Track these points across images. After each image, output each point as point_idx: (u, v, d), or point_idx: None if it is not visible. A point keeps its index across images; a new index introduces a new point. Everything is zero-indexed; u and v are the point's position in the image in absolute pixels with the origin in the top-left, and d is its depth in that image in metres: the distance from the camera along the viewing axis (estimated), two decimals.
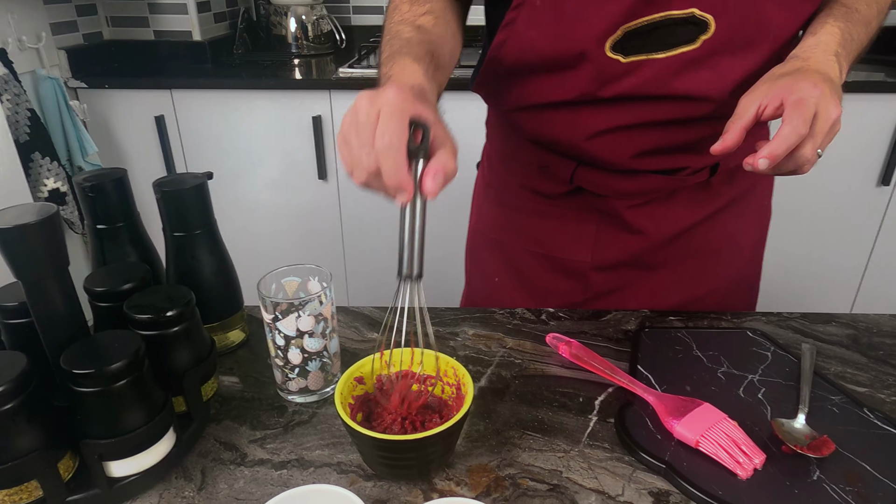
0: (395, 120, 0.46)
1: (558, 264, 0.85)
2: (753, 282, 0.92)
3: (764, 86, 0.58)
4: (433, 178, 0.47)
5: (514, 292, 0.88)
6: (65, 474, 0.51)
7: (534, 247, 0.86)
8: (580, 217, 0.82)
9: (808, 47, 0.61)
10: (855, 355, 0.72)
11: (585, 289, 0.84)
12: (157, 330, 0.56)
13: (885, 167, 1.76)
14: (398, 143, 0.46)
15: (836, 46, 0.61)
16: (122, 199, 0.68)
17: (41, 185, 1.62)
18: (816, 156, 0.55)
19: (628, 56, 0.66)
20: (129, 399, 0.50)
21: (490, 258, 0.91)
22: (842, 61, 0.60)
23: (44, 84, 1.67)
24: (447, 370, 0.58)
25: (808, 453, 0.54)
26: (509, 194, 0.87)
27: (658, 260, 0.82)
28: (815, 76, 0.56)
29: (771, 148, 0.53)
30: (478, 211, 0.95)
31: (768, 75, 0.60)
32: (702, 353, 0.70)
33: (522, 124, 0.80)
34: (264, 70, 1.96)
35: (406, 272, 0.50)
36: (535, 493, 0.53)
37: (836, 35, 0.62)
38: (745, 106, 0.57)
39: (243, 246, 2.00)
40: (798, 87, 0.54)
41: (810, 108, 0.53)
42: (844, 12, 0.64)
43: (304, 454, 0.58)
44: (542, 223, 0.84)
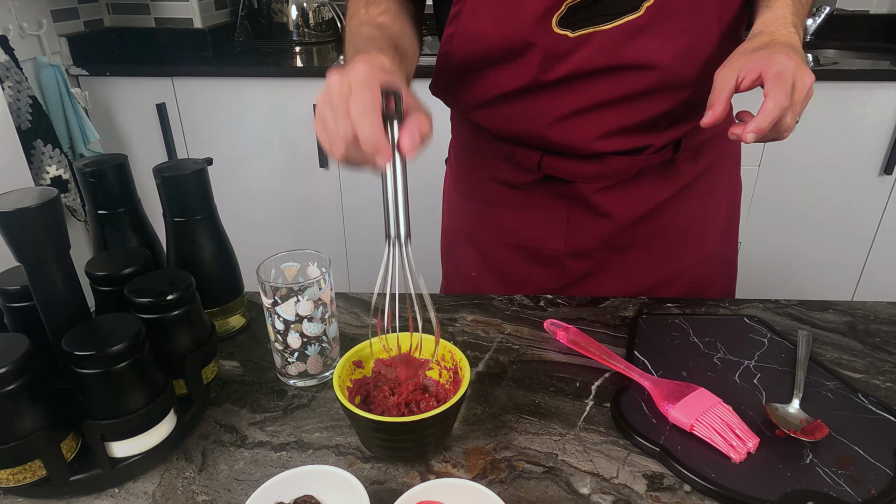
0: (367, 87, 0.48)
1: (532, 253, 0.85)
2: (729, 260, 0.93)
3: (739, 59, 0.60)
4: (409, 138, 0.49)
5: (491, 285, 0.89)
6: (67, 454, 0.52)
7: (507, 238, 0.86)
8: (550, 205, 0.82)
9: (768, 21, 0.64)
10: (852, 342, 0.72)
11: (561, 275, 0.85)
12: (158, 313, 0.56)
13: (887, 157, 1.75)
14: (372, 108, 0.48)
15: (791, 17, 0.64)
16: (123, 184, 0.68)
17: (43, 172, 1.62)
18: (795, 122, 0.58)
19: (576, 31, 0.67)
20: (129, 381, 0.51)
21: (465, 253, 0.92)
22: (798, 30, 0.63)
23: (45, 71, 1.67)
24: (444, 354, 0.59)
25: (801, 437, 0.54)
26: (478, 188, 0.87)
27: (629, 241, 0.83)
28: (786, 48, 0.58)
29: (757, 122, 0.55)
30: (449, 207, 0.95)
31: (740, 50, 0.61)
32: (698, 339, 0.71)
33: (484, 122, 0.80)
34: (265, 57, 1.96)
35: (394, 234, 0.51)
36: (531, 476, 0.54)
37: (789, 6, 0.65)
38: (723, 78, 0.59)
39: (245, 233, 2.01)
40: (775, 59, 0.57)
41: (789, 80, 0.55)
42: None
43: (304, 436, 0.59)
44: (514, 214, 0.85)
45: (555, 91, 0.71)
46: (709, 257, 0.88)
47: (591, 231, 0.82)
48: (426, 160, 0.92)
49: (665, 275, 0.85)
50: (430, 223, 1.06)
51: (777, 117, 0.55)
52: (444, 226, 0.96)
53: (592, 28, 0.67)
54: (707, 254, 0.87)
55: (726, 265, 0.92)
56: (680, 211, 0.83)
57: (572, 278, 0.85)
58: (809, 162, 1.75)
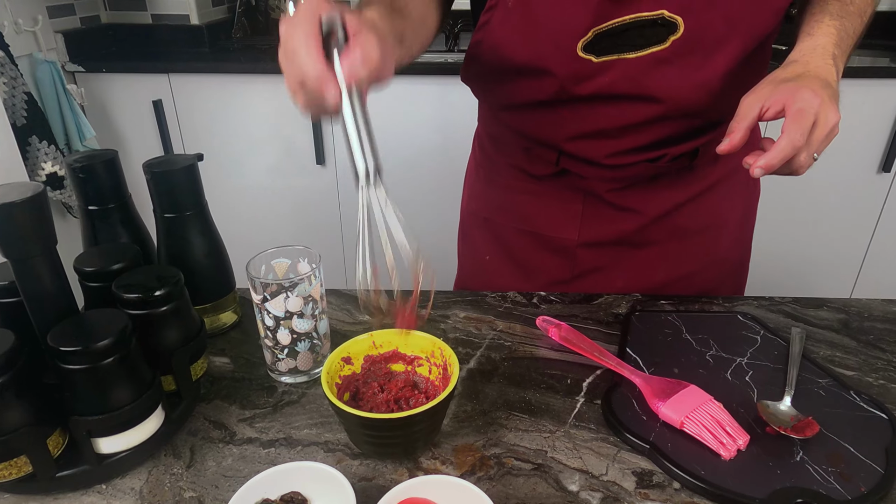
0: (302, 22, 0.47)
1: (546, 242, 0.86)
2: (742, 260, 0.93)
3: (766, 88, 0.59)
4: (349, 63, 0.47)
5: (504, 270, 0.90)
6: (54, 450, 0.51)
7: (522, 225, 0.87)
8: (565, 196, 0.83)
9: (806, 51, 0.62)
10: (845, 339, 0.72)
11: (573, 266, 0.85)
12: (146, 309, 0.56)
13: (886, 154, 1.75)
14: (306, 41, 0.46)
15: (832, 48, 0.62)
16: (113, 180, 0.68)
17: (39, 168, 1.62)
18: (812, 160, 0.57)
19: (600, 56, 0.67)
20: (116, 377, 0.50)
21: (480, 237, 0.93)
22: (838, 63, 0.62)
23: (41, 68, 1.67)
24: (434, 351, 0.59)
25: (791, 434, 0.54)
26: (499, 174, 0.88)
27: (644, 239, 0.83)
28: (815, 83, 0.57)
29: (767, 158, 0.55)
30: (469, 191, 0.96)
31: (770, 78, 0.61)
32: (691, 336, 0.70)
33: (507, 120, 0.82)
34: (262, 54, 1.95)
35: (363, 169, 0.47)
36: (520, 472, 0.53)
37: (833, 35, 0.63)
38: (748, 106, 0.59)
39: (242, 230, 2.00)
40: (800, 95, 0.56)
41: (809, 118, 0.55)
42: (839, 6, 0.65)
43: (293, 433, 0.58)
44: (530, 202, 0.85)
45: (574, 108, 0.72)
46: (720, 260, 0.87)
47: (605, 225, 0.83)
48: (464, 149, 0.94)
49: (676, 274, 0.85)
50: (450, 209, 1.05)
51: (789, 156, 0.55)
52: (462, 209, 0.98)
53: (617, 56, 0.67)
54: (719, 256, 0.87)
55: (737, 268, 0.92)
56: (696, 213, 0.83)
57: (583, 270, 0.86)
58: None
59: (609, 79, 0.68)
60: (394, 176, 1.86)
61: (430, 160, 1.84)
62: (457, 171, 1.20)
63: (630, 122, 0.72)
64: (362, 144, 0.47)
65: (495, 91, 0.79)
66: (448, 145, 1.81)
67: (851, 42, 0.65)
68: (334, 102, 0.47)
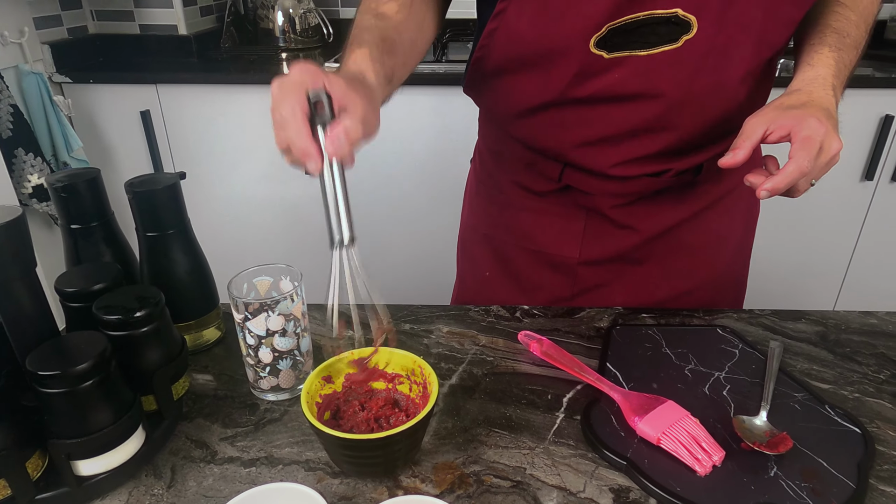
0: (290, 94, 0.50)
1: (546, 259, 0.86)
2: (740, 277, 0.93)
3: (772, 112, 0.61)
4: (333, 142, 0.49)
5: (504, 286, 0.90)
6: (33, 473, 0.51)
7: (523, 242, 0.87)
8: (568, 214, 0.83)
9: (808, 80, 0.65)
10: (822, 352, 0.73)
11: (573, 283, 0.86)
12: (127, 330, 0.56)
13: (868, 162, 1.77)
14: (293, 114, 0.49)
15: (832, 79, 0.65)
16: (96, 198, 0.68)
17: (25, 181, 1.62)
18: (810, 185, 0.61)
19: (612, 52, 0.67)
20: (95, 399, 0.51)
21: (481, 252, 0.93)
22: (837, 92, 0.65)
23: (27, 79, 1.66)
24: (414, 369, 0.59)
25: (765, 450, 0.55)
26: (499, 190, 0.88)
27: (644, 255, 0.83)
28: (820, 112, 0.60)
29: (774, 181, 0.59)
30: (469, 206, 0.96)
31: (775, 103, 0.63)
32: (671, 350, 0.71)
33: (512, 131, 0.81)
34: (251, 64, 1.95)
35: (337, 238, 0.50)
36: (498, 490, 0.54)
37: (832, 66, 0.65)
38: (752, 126, 0.61)
39: (231, 242, 2.01)
40: (807, 123, 0.58)
41: (816, 146, 0.57)
42: (837, 39, 0.67)
43: (274, 452, 0.59)
44: (531, 219, 0.86)
45: (581, 112, 0.72)
46: (721, 276, 0.88)
47: (607, 243, 0.83)
48: (452, 160, 0.94)
49: (677, 291, 0.85)
50: (450, 221, 1.06)
51: (795, 181, 0.58)
52: (462, 224, 0.98)
53: (628, 52, 0.67)
54: (720, 272, 0.88)
55: (737, 284, 0.92)
56: (697, 230, 0.83)
57: (584, 287, 0.86)
58: None
59: (619, 76, 0.68)
60: (388, 187, 1.87)
61: (423, 170, 1.85)
62: (451, 180, 1.21)
63: (636, 125, 0.72)
64: (339, 214, 0.50)
65: (501, 94, 0.78)
66: (441, 155, 1.82)
67: (847, 73, 0.68)
68: (316, 172, 0.50)
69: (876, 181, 1.80)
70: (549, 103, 0.73)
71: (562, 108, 0.73)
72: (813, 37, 0.68)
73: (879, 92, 1.69)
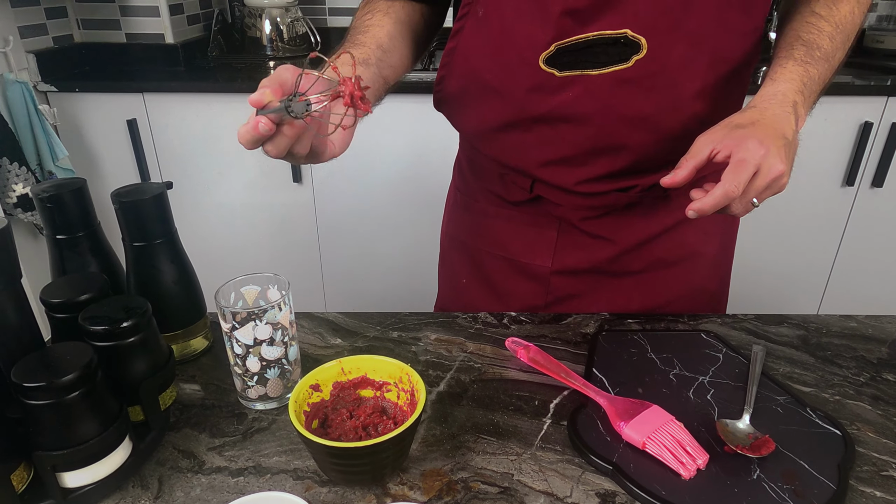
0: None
1: (520, 268, 0.87)
2: (720, 290, 0.93)
3: (721, 132, 0.61)
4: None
5: (480, 293, 0.91)
6: (18, 486, 0.51)
7: (497, 250, 0.88)
8: (541, 223, 0.84)
9: (766, 97, 0.64)
10: (804, 356, 0.74)
11: (547, 292, 0.86)
12: (113, 341, 0.56)
13: (849, 168, 1.80)
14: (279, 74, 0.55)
15: (793, 95, 0.63)
16: (82, 209, 0.67)
17: (10, 190, 1.60)
18: (751, 205, 0.60)
19: (563, 71, 0.68)
20: (81, 411, 0.50)
21: (458, 260, 0.94)
22: (799, 109, 0.63)
23: (12, 88, 1.65)
24: (402, 377, 0.59)
25: (747, 453, 0.56)
26: (474, 199, 0.90)
27: (619, 268, 0.84)
28: (766, 132, 0.59)
29: (701, 203, 0.59)
30: (449, 214, 0.97)
31: (727, 121, 0.62)
32: (656, 355, 0.72)
33: (481, 148, 0.83)
34: (239, 73, 1.95)
35: None
36: (486, 496, 0.54)
37: (796, 82, 0.64)
38: (699, 146, 0.61)
39: (218, 251, 2.00)
40: (745, 145, 0.58)
41: (749, 170, 0.57)
42: (806, 52, 0.66)
43: (262, 461, 0.59)
44: (506, 228, 0.86)
45: (541, 132, 0.73)
46: (697, 290, 0.88)
47: (580, 254, 0.83)
48: (437, 168, 0.95)
49: (652, 304, 0.86)
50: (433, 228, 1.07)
51: (722, 204, 0.58)
52: (442, 232, 0.99)
53: (579, 72, 0.68)
54: (696, 286, 0.88)
55: (715, 298, 0.92)
56: (671, 244, 0.83)
57: (557, 296, 0.86)
58: None
59: (572, 94, 0.69)
60: (373, 195, 1.88)
61: (408, 178, 1.85)
62: (436, 188, 1.22)
63: (595, 144, 0.73)
64: None
65: (465, 114, 0.80)
66: (425, 163, 1.83)
67: (818, 87, 0.67)
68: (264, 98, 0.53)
69: (857, 187, 1.83)
70: (509, 123, 0.74)
71: (522, 129, 0.74)
72: (781, 50, 0.68)
73: (859, 99, 1.72)
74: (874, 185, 1.82)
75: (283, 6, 2.14)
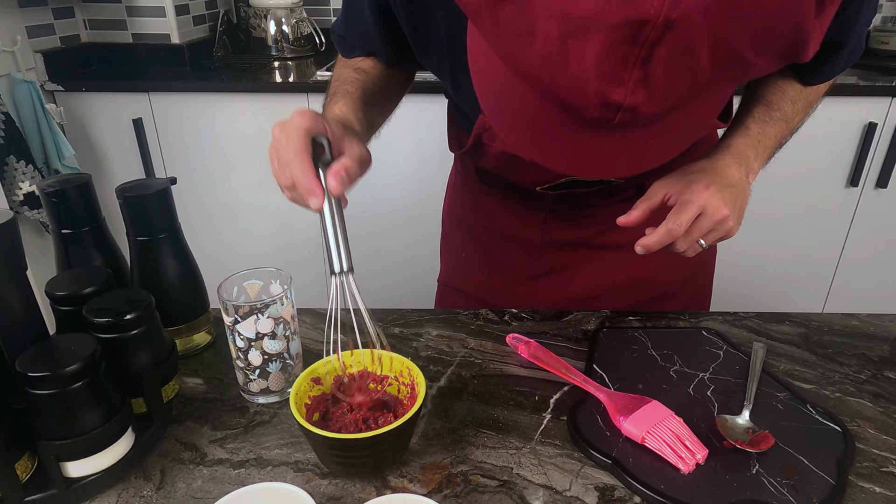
0: (294, 137, 0.54)
1: (513, 240, 0.91)
2: (702, 264, 0.94)
3: (674, 178, 0.66)
4: (335, 178, 0.54)
5: (478, 266, 0.96)
6: (22, 475, 0.52)
7: (491, 224, 0.93)
8: (530, 204, 0.88)
9: (721, 149, 0.69)
10: (805, 353, 0.74)
11: (538, 263, 0.91)
12: (116, 333, 0.57)
13: (853, 169, 1.79)
14: (300, 155, 0.54)
15: (746, 149, 0.68)
16: (87, 204, 0.68)
17: (16, 188, 1.61)
18: (699, 246, 0.65)
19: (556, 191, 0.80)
20: (84, 401, 0.51)
21: (458, 236, 0.99)
22: (752, 163, 0.68)
23: (19, 87, 1.66)
24: (402, 371, 0.60)
25: (747, 448, 0.56)
26: (469, 177, 0.95)
27: (603, 242, 0.88)
28: (713, 179, 0.64)
29: (647, 239, 0.64)
30: (450, 194, 1.03)
31: (682, 169, 0.67)
32: (656, 351, 0.72)
33: None
34: (244, 73, 1.96)
35: (338, 268, 0.54)
36: (486, 489, 0.54)
37: (750, 137, 0.69)
38: (654, 191, 0.67)
39: (223, 249, 2.01)
40: (691, 188, 0.63)
41: (692, 211, 0.62)
42: (764, 111, 0.71)
43: (263, 453, 0.59)
44: (496, 203, 0.92)
45: None
46: (678, 264, 0.89)
47: (567, 229, 0.88)
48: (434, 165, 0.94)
49: (635, 276, 0.88)
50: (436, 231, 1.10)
51: (666, 242, 0.63)
52: (444, 212, 1.04)
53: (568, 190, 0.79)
54: (677, 261, 0.89)
55: (697, 272, 0.94)
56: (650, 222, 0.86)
57: (550, 267, 0.90)
58: (776, 174, 1.78)
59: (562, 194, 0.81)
60: (372, 194, 1.88)
61: (406, 174, 1.86)
62: (433, 188, 1.23)
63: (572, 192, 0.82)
64: (339, 246, 0.54)
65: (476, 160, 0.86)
66: (423, 161, 1.83)
67: (772, 144, 0.71)
68: (317, 208, 0.54)
69: (861, 187, 1.82)
70: None
71: None
72: (743, 106, 0.73)
73: (863, 100, 1.72)
74: (878, 186, 1.81)
75: (288, 7, 2.15)
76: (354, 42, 0.77)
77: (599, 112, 0.40)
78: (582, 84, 0.39)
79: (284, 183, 0.55)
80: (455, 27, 0.65)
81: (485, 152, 0.76)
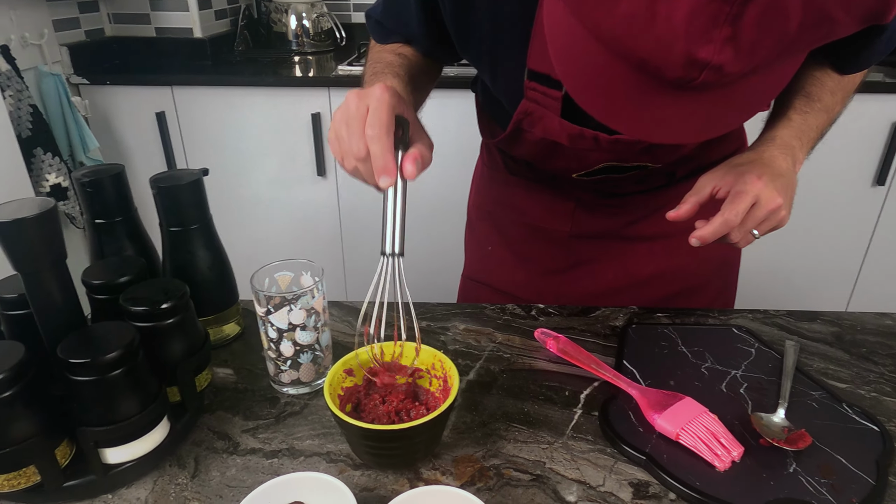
0: (383, 111, 0.52)
1: (541, 233, 0.91)
2: (728, 259, 0.94)
3: (721, 170, 0.66)
4: (412, 163, 0.54)
5: (505, 259, 0.95)
6: (62, 460, 0.52)
7: (519, 217, 0.92)
8: (560, 189, 0.87)
9: (765, 140, 0.69)
10: (838, 352, 0.73)
11: (567, 256, 0.90)
12: (152, 322, 0.57)
13: (880, 167, 1.77)
14: (386, 132, 0.52)
15: (790, 139, 0.68)
16: (120, 194, 0.69)
17: (43, 180, 1.64)
18: (752, 237, 0.64)
19: (591, 176, 0.78)
20: (123, 388, 0.51)
21: (484, 228, 0.99)
22: (797, 153, 0.68)
23: (46, 80, 1.68)
24: (435, 363, 0.60)
25: (784, 446, 0.55)
26: (497, 169, 0.94)
27: (632, 234, 0.88)
28: (763, 169, 0.63)
29: (702, 232, 0.62)
30: (476, 187, 1.02)
31: (729, 161, 0.67)
32: (687, 348, 0.72)
33: None
34: (264, 67, 1.97)
35: (389, 250, 0.54)
36: (519, 483, 0.54)
37: (793, 128, 0.69)
38: (702, 184, 0.66)
39: (243, 242, 2.02)
40: (744, 178, 0.62)
41: (746, 201, 0.61)
42: (805, 102, 0.70)
43: (295, 444, 0.59)
44: (527, 196, 0.91)
45: None
46: (705, 258, 0.88)
47: (595, 220, 0.87)
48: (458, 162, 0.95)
49: (662, 268, 0.88)
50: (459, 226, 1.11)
51: (722, 233, 0.62)
52: (469, 204, 1.04)
53: (604, 176, 0.77)
54: (703, 255, 0.88)
55: (724, 266, 0.94)
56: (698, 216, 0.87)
57: (578, 260, 0.90)
58: (803, 173, 1.75)
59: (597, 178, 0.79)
60: None
61: (428, 171, 1.86)
62: (455, 182, 1.23)
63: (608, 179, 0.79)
64: (395, 229, 0.54)
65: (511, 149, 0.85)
66: (445, 156, 1.83)
67: (815, 135, 0.71)
68: (387, 187, 0.53)
69: (888, 186, 1.79)
70: None
71: None
72: (784, 98, 0.72)
73: (890, 97, 1.69)
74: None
75: (308, 2, 2.15)
76: (392, 28, 0.76)
77: (683, 72, 0.40)
78: (668, 43, 0.39)
79: (357, 154, 0.53)
80: (498, 17, 0.65)
81: (523, 140, 0.74)
